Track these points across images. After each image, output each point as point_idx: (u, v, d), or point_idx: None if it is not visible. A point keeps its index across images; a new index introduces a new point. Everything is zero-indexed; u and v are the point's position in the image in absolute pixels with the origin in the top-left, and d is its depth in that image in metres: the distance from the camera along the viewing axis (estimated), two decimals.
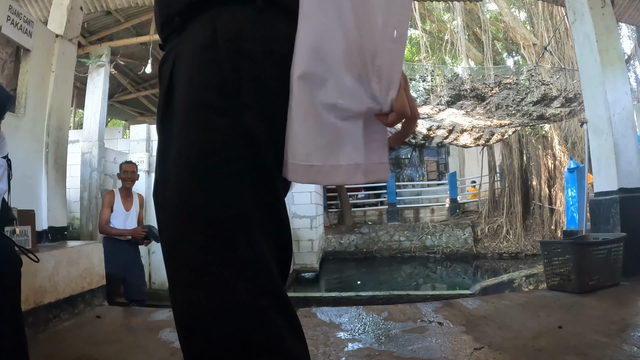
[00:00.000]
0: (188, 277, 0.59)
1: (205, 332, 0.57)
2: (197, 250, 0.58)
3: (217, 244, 0.57)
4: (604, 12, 3.29)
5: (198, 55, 0.61)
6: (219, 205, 0.57)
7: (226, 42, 0.60)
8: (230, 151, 0.58)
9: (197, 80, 0.60)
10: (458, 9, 8.65)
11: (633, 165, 3.11)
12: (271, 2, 0.63)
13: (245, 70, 0.59)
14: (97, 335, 2.12)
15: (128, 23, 6.28)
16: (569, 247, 2.60)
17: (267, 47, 0.60)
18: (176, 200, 0.59)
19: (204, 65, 0.60)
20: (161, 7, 0.71)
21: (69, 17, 3.28)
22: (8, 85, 2.87)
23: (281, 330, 0.58)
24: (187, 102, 0.61)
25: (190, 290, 0.59)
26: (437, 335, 1.89)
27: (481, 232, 10.29)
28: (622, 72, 3.27)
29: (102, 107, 5.81)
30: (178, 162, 0.60)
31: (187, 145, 0.59)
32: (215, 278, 0.56)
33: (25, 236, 2.15)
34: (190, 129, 0.59)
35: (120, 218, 3.29)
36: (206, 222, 0.57)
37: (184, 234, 0.59)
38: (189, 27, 0.65)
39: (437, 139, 8.43)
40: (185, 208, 0.58)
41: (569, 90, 6.21)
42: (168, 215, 0.62)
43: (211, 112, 0.58)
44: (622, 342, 1.62)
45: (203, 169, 0.58)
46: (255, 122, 0.59)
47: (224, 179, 0.58)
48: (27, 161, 2.83)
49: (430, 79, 6.82)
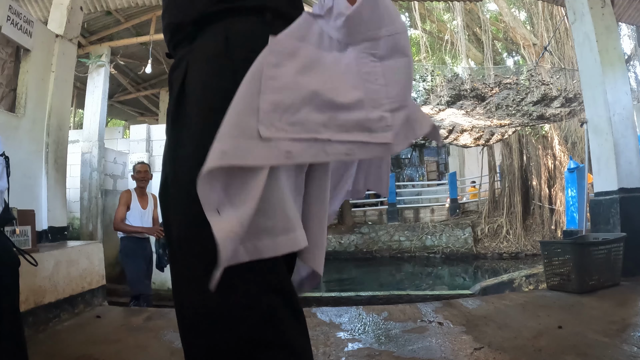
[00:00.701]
0: (196, 274, 0.60)
1: (214, 327, 0.58)
2: (207, 248, 0.59)
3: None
4: (604, 12, 3.29)
5: (212, 63, 0.64)
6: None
7: (239, 52, 0.63)
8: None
9: (211, 87, 0.63)
10: (458, 9, 8.65)
11: (633, 165, 3.11)
12: (280, 15, 0.68)
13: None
14: (97, 335, 2.12)
15: (128, 23, 6.28)
16: (569, 247, 2.60)
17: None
18: (187, 199, 0.61)
19: (218, 73, 0.63)
20: (172, 15, 0.73)
21: (69, 17, 3.28)
22: (8, 85, 2.88)
23: (288, 327, 0.60)
24: (201, 106, 0.64)
25: (199, 287, 0.60)
26: (437, 335, 1.89)
27: (481, 232, 10.29)
28: (622, 72, 3.27)
29: (102, 107, 5.82)
30: (191, 163, 0.62)
31: (200, 147, 0.61)
32: (225, 275, 0.56)
33: (25, 236, 2.15)
34: (204, 132, 0.61)
35: (137, 216, 3.43)
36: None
37: (196, 232, 0.61)
38: (201, 35, 0.68)
39: None
40: (197, 207, 0.60)
41: (569, 90, 6.21)
42: (179, 212, 0.64)
43: (223, 115, 0.61)
44: (622, 342, 1.62)
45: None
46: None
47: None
48: (27, 161, 2.83)
49: (430, 79, 6.82)
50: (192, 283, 0.61)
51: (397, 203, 11.87)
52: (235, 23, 0.66)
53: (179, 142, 0.67)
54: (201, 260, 0.60)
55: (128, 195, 3.46)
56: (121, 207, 3.39)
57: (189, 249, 0.62)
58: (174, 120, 0.69)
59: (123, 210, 3.38)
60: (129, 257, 3.38)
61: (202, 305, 0.60)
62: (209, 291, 0.57)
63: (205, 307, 0.59)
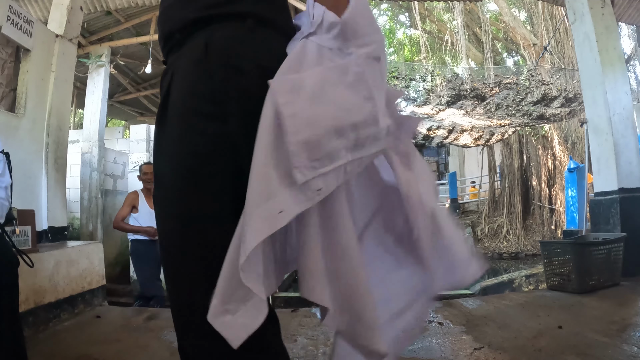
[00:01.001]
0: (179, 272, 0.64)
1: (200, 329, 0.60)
2: (175, 244, 0.64)
3: (204, 241, 0.62)
4: (604, 12, 3.29)
5: (191, 68, 0.68)
6: (202, 201, 0.63)
7: (217, 57, 0.66)
8: (214, 152, 0.64)
9: (189, 90, 0.67)
10: (458, 9, 8.65)
11: (633, 165, 3.11)
12: (262, 22, 0.70)
13: (232, 82, 0.65)
14: (97, 335, 2.12)
15: (128, 23, 6.27)
16: (569, 247, 2.60)
17: (255, 62, 0.67)
18: (169, 195, 0.67)
19: (196, 77, 0.67)
20: (162, 25, 0.78)
21: (69, 17, 3.28)
22: (8, 85, 2.87)
23: (267, 330, 0.61)
24: (180, 108, 0.68)
25: (184, 286, 0.63)
26: (437, 335, 1.89)
27: (481, 232, 10.29)
28: (622, 72, 3.27)
29: (102, 107, 5.81)
30: (170, 160, 0.68)
31: (178, 146, 0.67)
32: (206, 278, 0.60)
33: (25, 236, 2.15)
34: (181, 132, 0.67)
35: (147, 216, 3.39)
36: (193, 216, 0.63)
37: (173, 229, 0.65)
38: (187, 42, 0.71)
39: (437, 139, 8.43)
40: (175, 203, 0.66)
41: (569, 90, 6.20)
42: (164, 209, 0.69)
43: (200, 118, 0.65)
44: (622, 342, 1.62)
45: (190, 168, 0.64)
46: (237, 128, 0.65)
47: (208, 177, 0.64)
48: (27, 161, 2.83)
49: (430, 79, 6.82)
50: (177, 282, 0.65)
51: None
52: (217, 30, 0.68)
53: (160, 145, 0.72)
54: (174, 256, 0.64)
55: (134, 196, 3.43)
56: (125, 207, 3.37)
57: (166, 244, 0.66)
58: (158, 123, 0.73)
59: (126, 210, 3.36)
60: (139, 259, 3.36)
61: (188, 305, 0.62)
62: (194, 292, 0.60)
63: (191, 307, 0.61)
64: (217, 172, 0.64)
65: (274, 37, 0.71)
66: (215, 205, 0.63)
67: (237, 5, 0.69)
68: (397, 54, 15.05)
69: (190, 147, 0.65)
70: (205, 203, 0.63)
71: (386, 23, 15.27)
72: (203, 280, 0.60)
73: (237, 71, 0.65)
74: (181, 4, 0.73)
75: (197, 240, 0.63)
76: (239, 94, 0.65)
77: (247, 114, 0.63)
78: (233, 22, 0.69)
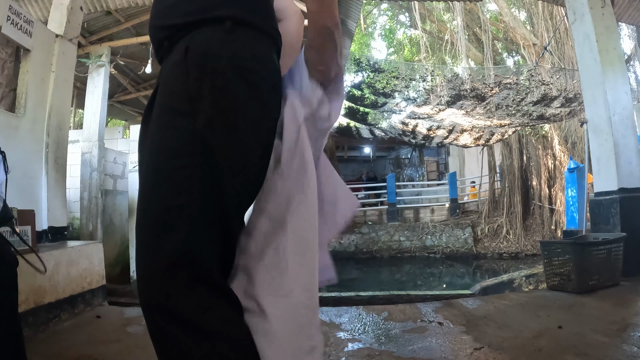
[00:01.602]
0: (140, 252, 0.69)
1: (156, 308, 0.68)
2: (148, 233, 0.68)
3: (163, 229, 0.66)
4: (604, 12, 3.29)
5: (172, 70, 0.73)
6: (169, 193, 0.67)
7: (194, 58, 0.71)
8: (184, 147, 0.68)
9: (168, 90, 0.72)
10: (458, 9, 8.65)
11: (633, 165, 3.11)
12: (240, 23, 0.74)
13: (207, 81, 0.69)
14: (97, 335, 2.12)
15: (128, 23, 6.27)
16: (569, 247, 2.60)
17: (232, 62, 0.71)
18: (140, 185, 0.72)
19: (174, 77, 0.72)
20: (152, 34, 0.83)
21: (69, 17, 3.28)
22: (8, 85, 2.88)
23: (221, 316, 0.66)
24: (158, 107, 0.73)
25: (141, 269, 0.68)
26: (437, 335, 1.89)
27: (481, 232, 10.29)
28: (622, 72, 3.27)
29: (102, 107, 5.81)
30: (146, 154, 0.74)
31: (152, 141, 0.72)
32: (160, 264, 0.66)
33: (25, 236, 2.15)
34: (157, 128, 0.72)
35: None
36: (158, 207, 0.67)
37: (141, 220, 0.70)
38: (173, 49, 0.76)
39: (437, 139, 8.43)
40: (145, 193, 0.71)
41: (569, 90, 6.20)
42: (139, 204, 0.73)
43: (173, 114, 0.70)
44: (622, 342, 1.62)
45: (161, 161, 0.69)
46: (209, 124, 0.68)
47: (177, 170, 0.68)
48: (27, 161, 2.83)
49: (430, 79, 6.81)
50: (138, 258, 0.70)
51: (397, 203, 11.86)
52: (197, 34, 0.73)
53: (144, 139, 0.77)
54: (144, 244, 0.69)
55: None
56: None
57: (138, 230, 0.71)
58: (143, 122, 0.79)
59: None
60: None
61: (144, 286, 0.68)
62: (148, 278, 0.67)
63: (144, 287, 0.67)
64: (186, 165, 0.67)
65: (254, 36, 0.75)
66: (183, 198, 0.67)
67: (216, 10, 0.74)
68: (397, 54, 15.05)
69: (162, 142, 0.69)
70: (174, 196, 0.67)
71: (386, 23, 15.26)
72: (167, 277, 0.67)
73: (212, 70, 0.69)
74: (164, 13, 0.79)
75: (166, 231, 0.67)
76: (212, 92, 0.68)
77: (219, 112, 0.68)
78: (212, 25, 0.73)
